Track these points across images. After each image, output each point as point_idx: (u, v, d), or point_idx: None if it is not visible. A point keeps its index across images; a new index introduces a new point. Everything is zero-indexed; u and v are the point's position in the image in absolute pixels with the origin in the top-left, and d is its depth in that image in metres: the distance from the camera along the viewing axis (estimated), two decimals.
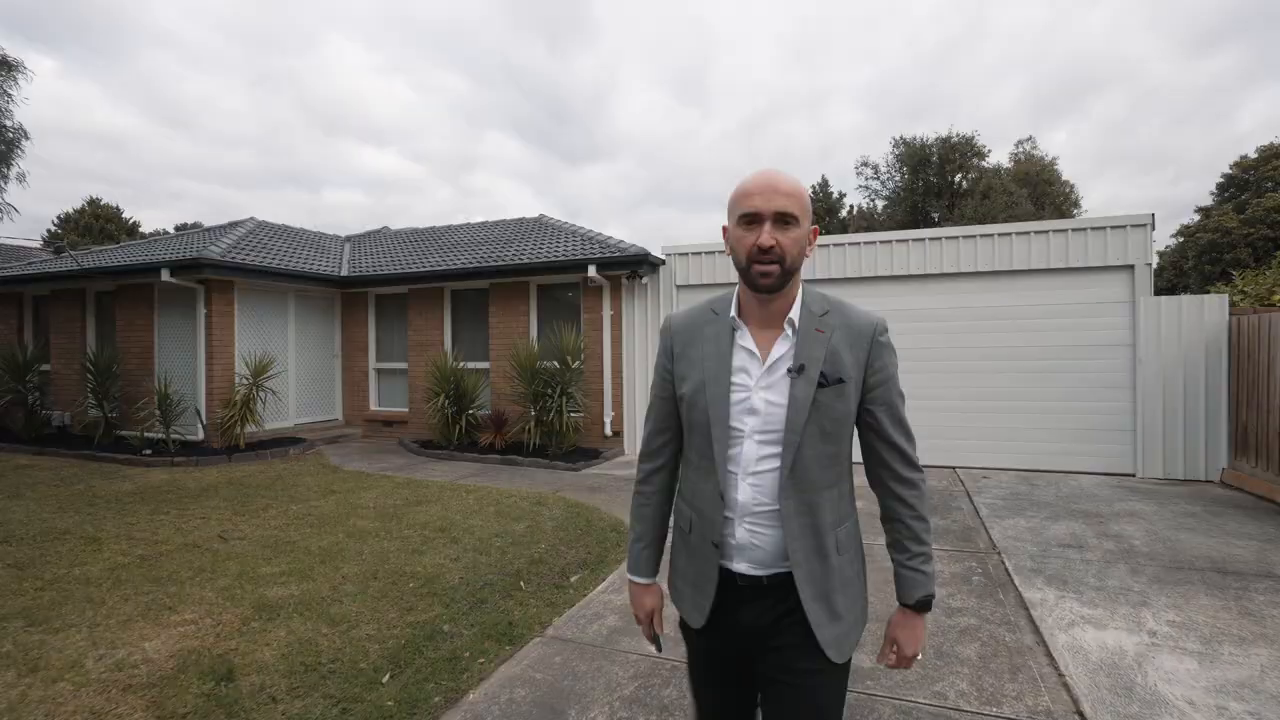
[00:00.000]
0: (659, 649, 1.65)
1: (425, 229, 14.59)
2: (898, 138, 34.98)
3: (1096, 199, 61.55)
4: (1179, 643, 3.27)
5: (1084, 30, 58.78)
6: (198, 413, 9.47)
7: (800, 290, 1.42)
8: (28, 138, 5.64)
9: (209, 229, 13.18)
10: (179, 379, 9.64)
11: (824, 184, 41.02)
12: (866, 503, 1.51)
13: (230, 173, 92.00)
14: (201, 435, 9.47)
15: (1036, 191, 29.75)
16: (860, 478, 1.50)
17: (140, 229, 42.42)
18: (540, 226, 12.25)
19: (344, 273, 11.34)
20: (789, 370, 1.36)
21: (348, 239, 14.68)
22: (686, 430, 1.50)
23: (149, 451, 8.92)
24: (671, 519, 1.63)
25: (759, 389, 1.37)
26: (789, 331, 1.38)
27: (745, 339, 1.41)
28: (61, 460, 8.91)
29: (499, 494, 6.76)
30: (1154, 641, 3.29)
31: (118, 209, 41.23)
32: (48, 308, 11.43)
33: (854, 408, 1.39)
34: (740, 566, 1.41)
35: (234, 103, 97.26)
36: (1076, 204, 32.10)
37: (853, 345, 1.37)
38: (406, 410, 10.93)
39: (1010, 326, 7.92)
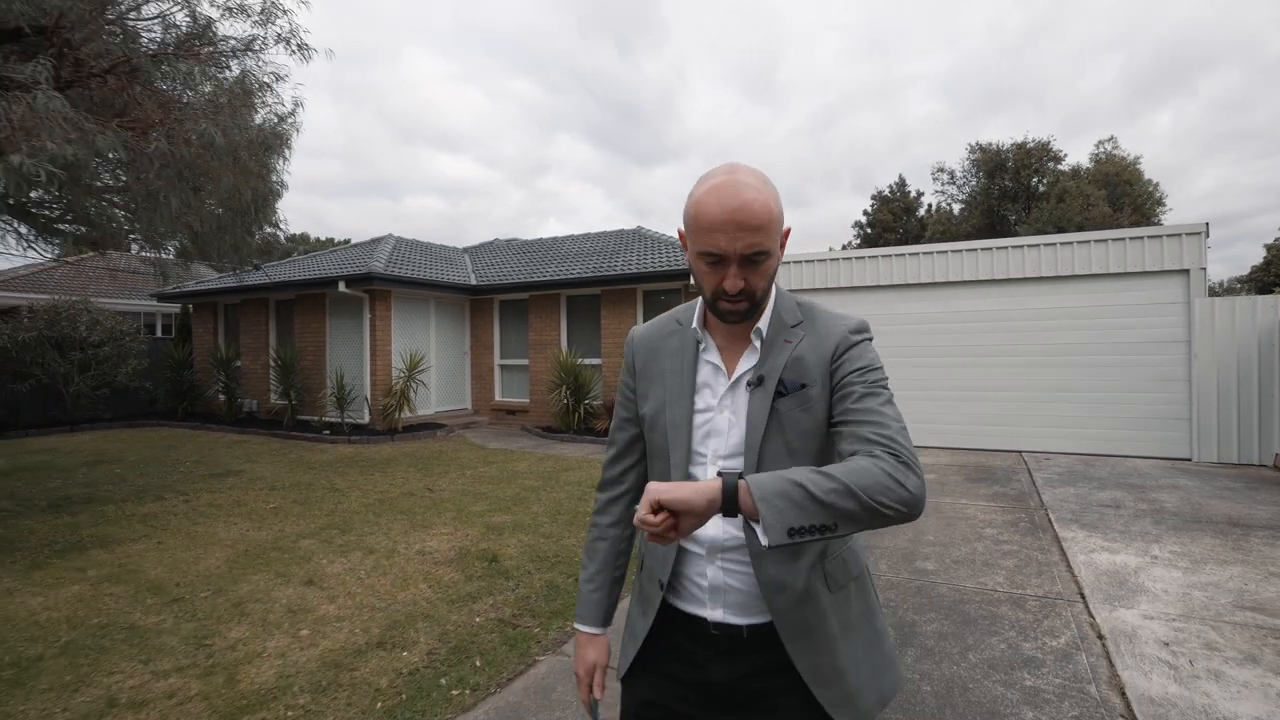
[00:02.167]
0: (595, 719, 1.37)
1: (534, 241, 16.46)
2: (973, 144, 34.91)
3: (1204, 185, 57.88)
4: (1173, 563, 4.37)
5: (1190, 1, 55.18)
6: (365, 400, 11.48)
7: (773, 298, 1.24)
8: (286, 188, 7.51)
9: (356, 245, 15.40)
10: (347, 372, 11.69)
11: (901, 183, 41.11)
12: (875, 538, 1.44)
13: (319, 182, 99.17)
14: (367, 419, 11.47)
15: (1116, 192, 29.08)
16: None
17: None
18: (639, 237, 13.79)
19: (473, 282, 13.22)
20: (748, 384, 1.19)
21: (465, 250, 16.73)
22: (649, 455, 1.33)
23: (327, 432, 10.95)
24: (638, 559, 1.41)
25: (722, 408, 1.21)
26: (755, 343, 1.21)
27: (710, 353, 1.25)
28: (262, 438, 11.06)
29: None
30: (1153, 562, 4.40)
31: None
32: (237, 313, 13.86)
33: (823, 418, 1.17)
34: (716, 614, 1.21)
35: (320, 115, 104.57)
36: (1160, 203, 30.97)
37: (819, 347, 1.18)
38: (527, 400, 12.68)
39: (1073, 325, 8.81)
